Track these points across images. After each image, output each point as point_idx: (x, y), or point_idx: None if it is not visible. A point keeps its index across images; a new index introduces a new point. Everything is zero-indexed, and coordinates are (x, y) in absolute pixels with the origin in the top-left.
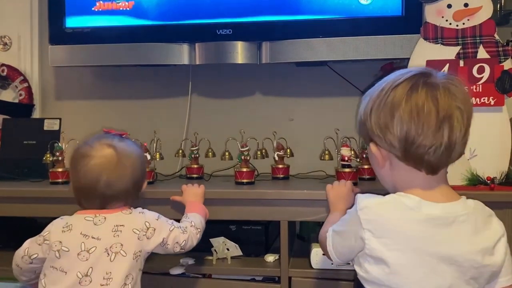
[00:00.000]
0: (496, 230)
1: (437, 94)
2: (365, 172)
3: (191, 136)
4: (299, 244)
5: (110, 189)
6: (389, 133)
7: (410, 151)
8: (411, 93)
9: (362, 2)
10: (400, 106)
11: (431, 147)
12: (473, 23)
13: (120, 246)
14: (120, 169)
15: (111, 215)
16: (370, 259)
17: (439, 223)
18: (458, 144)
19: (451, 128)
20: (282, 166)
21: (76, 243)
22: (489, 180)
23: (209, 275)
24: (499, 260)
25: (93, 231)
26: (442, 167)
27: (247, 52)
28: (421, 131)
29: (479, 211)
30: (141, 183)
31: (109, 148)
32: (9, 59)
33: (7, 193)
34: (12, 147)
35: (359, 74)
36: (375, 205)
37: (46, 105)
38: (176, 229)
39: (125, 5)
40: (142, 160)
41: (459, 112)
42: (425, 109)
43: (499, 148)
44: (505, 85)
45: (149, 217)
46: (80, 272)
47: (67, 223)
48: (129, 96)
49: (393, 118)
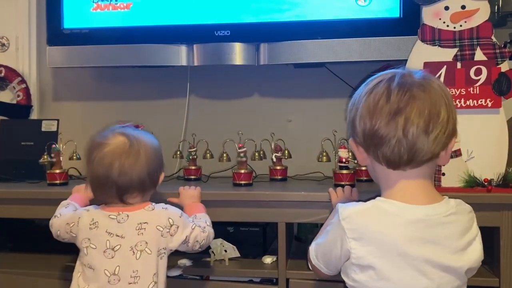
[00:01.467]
0: (473, 228)
1: (392, 87)
2: (363, 173)
3: (189, 137)
4: (297, 245)
5: (124, 177)
6: (356, 129)
7: (369, 143)
8: (372, 89)
9: (360, 4)
10: (361, 102)
11: (386, 137)
12: (470, 25)
13: (145, 244)
14: (133, 156)
15: (134, 212)
16: (356, 268)
17: (422, 226)
18: (419, 139)
19: (406, 121)
20: (280, 168)
21: (102, 241)
22: (486, 182)
23: (206, 276)
24: (477, 256)
25: (117, 229)
26: (404, 163)
27: (245, 54)
28: (375, 123)
29: (461, 211)
30: (157, 174)
31: (122, 136)
32: (7, 60)
33: (4, 195)
34: (9, 148)
35: (357, 75)
36: (357, 214)
37: (44, 106)
38: (197, 228)
39: (123, 6)
40: (157, 150)
41: (416, 105)
42: (379, 102)
43: (496, 150)
44: (502, 87)
45: (173, 214)
46: (107, 270)
47: (93, 219)
48: (127, 97)
49: (356, 114)
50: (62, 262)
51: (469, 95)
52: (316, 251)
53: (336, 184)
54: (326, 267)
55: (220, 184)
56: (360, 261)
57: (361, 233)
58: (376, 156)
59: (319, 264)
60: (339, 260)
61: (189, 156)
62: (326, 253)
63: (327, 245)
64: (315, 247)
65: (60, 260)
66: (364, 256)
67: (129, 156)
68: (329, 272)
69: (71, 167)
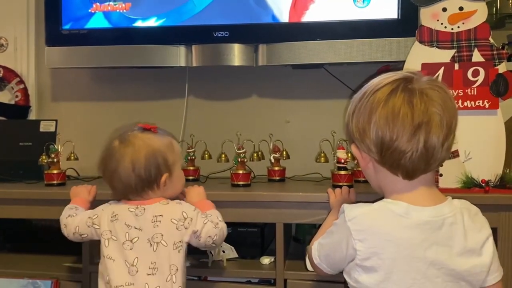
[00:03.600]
0: (483, 229)
1: (413, 99)
2: (361, 174)
3: (188, 138)
4: (294, 246)
5: (115, 179)
6: (367, 137)
7: (386, 156)
8: (389, 97)
9: (358, 5)
10: (377, 110)
11: (407, 153)
12: (468, 27)
13: (160, 236)
14: (121, 160)
15: (150, 205)
16: (360, 269)
17: (427, 228)
18: (437, 150)
19: (428, 134)
20: (278, 168)
21: (121, 233)
22: (484, 183)
23: (204, 277)
24: (487, 260)
25: (135, 222)
26: (419, 173)
27: (244, 55)
28: (395, 137)
29: (465, 210)
30: (152, 178)
31: (116, 140)
32: (5, 61)
33: (2, 195)
34: (7, 148)
35: (355, 76)
36: (364, 215)
37: (42, 107)
38: (209, 223)
39: (122, 6)
40: (155, 154)
41: (438, 117)
42: (400, 114)
43: (494, 151)
44: (500, 88)
45: (187, 208)
46: (127, 261)
47: (114, 212)
48: (125, 97)
49: (370, 122)
50: (60, 263)
51: (466, 96)
52: (319, 251)
53: (334, 185)
54: (329, 267)
55: (218, 184)
56: (364, 263)
57: (367, 234)
58: (393, 167)
59: (321, 264)
60: (343, 261)
61: (187, 157)
62: (329, 254)
63: (332, 246)
64: (318, 247)
65: (58, 260)
66: (369, 257)
67: (117, 160)
68: (331, 272)
69: (69, 167)
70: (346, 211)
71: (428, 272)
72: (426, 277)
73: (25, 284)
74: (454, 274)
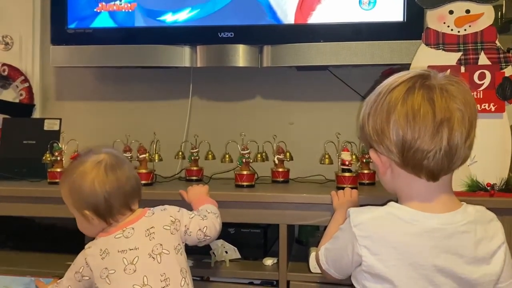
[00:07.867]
0: (496, 238)
1: (434, 96)
2: (365, 177)
3: (191, 138)
4: (297, 248)
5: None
6: (386, 138)
7: (408, 157)
8: (407, 96)
9: (364, 7)
10: (396, 109)
11: (430, 152)
12: (475, 30)
13: (160, 246)
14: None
15: (137, 223)
16: (368, 275)
17: (437, 236)
18: (460, 148)
19: (451, 131)
20: (282, 170)
21: (118, 262)
22: (489, 187)
23: (207, 278)
24: (498, 269)
25: (128, 244)
26: (443, 173)
27: (249, 56)
28: (417, 136)
29: (480, 219)
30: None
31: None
32: (10, 59)
33: (6, 193)
34: (11, 146)
35: (360, 79)
36: (370, 221)
37: (47, 105)
38: (196, 217)
39: (127, 6)
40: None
41: (459, 113)
42: (421, 112)
43: (500, 154)
44: (506, 92)
45: (172, 212)
46: (137, 284)
47: (101, 249)
48: (129, 97)
49: (389, 122)
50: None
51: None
52: (326, 256)
53: (338, 187)
54: (337, 272)
55: (222, 185)
56: (370, 269)
57: (372, 241)
58: (416, 168)
59: (329, 269)
60: (350, 266)
61: (191, 157)
62: (336, 259)
63: (337, 252)
64: (325, 252)
65: (60, 259)
66: (375, 264)
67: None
68: (340, 276)
69: None
70: (351, 216)
71: (436, 280)
72: (433, 284)
73: (28, 282)
74: (462, 282)
